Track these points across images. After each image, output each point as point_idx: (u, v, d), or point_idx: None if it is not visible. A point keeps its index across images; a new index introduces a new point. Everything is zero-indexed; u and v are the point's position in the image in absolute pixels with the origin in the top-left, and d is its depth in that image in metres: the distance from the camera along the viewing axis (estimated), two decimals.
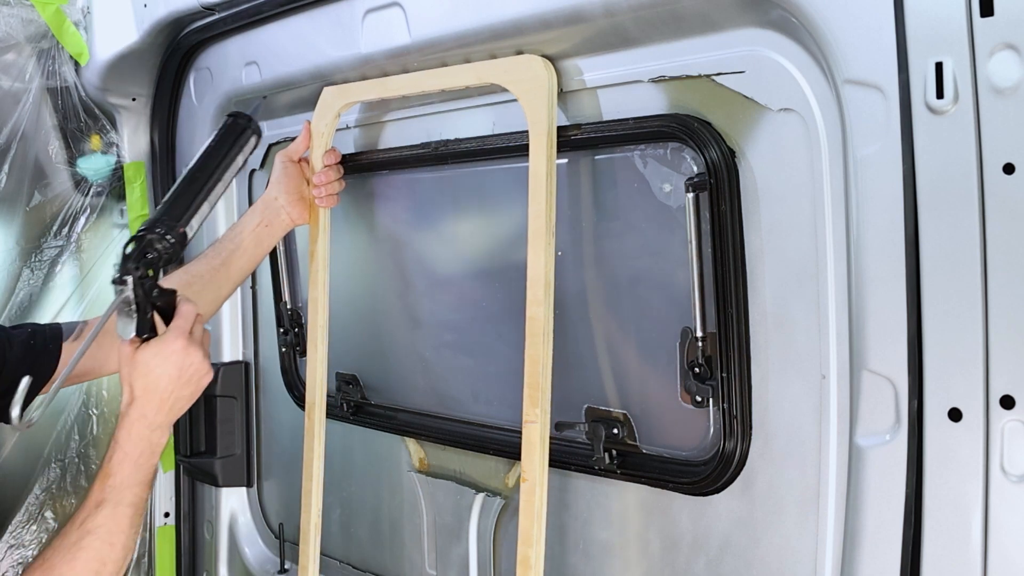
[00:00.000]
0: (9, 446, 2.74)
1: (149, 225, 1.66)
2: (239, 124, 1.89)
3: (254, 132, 1.92)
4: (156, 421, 1.55)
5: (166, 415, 1.56)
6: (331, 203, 2.06)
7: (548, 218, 1.66)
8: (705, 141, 1.53)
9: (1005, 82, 1.17)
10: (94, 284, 2.80)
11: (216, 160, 1.83)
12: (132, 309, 1.55)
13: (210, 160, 1.83)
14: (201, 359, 1.58)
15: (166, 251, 1.64)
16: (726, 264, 1.54)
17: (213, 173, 1.81)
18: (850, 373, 1.40)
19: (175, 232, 1.66)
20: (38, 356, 1.80)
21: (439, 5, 1.79)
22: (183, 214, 1.72)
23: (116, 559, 1.48)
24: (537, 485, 1.67)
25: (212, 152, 1.84)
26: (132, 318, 1.55)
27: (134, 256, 1.59)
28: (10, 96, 2.57)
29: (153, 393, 1.54)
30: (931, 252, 1.25)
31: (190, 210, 1.73)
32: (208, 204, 1.78)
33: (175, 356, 1.55)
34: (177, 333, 1.56)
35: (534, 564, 1.67)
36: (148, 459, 1.54)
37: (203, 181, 1.79)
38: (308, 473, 2.08)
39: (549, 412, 1.68)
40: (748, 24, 1.47)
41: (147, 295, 1.56)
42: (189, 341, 1.56)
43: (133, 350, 1.55)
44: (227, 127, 1.89)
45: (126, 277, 1.55)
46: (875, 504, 1.35)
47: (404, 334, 2.20)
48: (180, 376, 1.56)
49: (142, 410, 1.54)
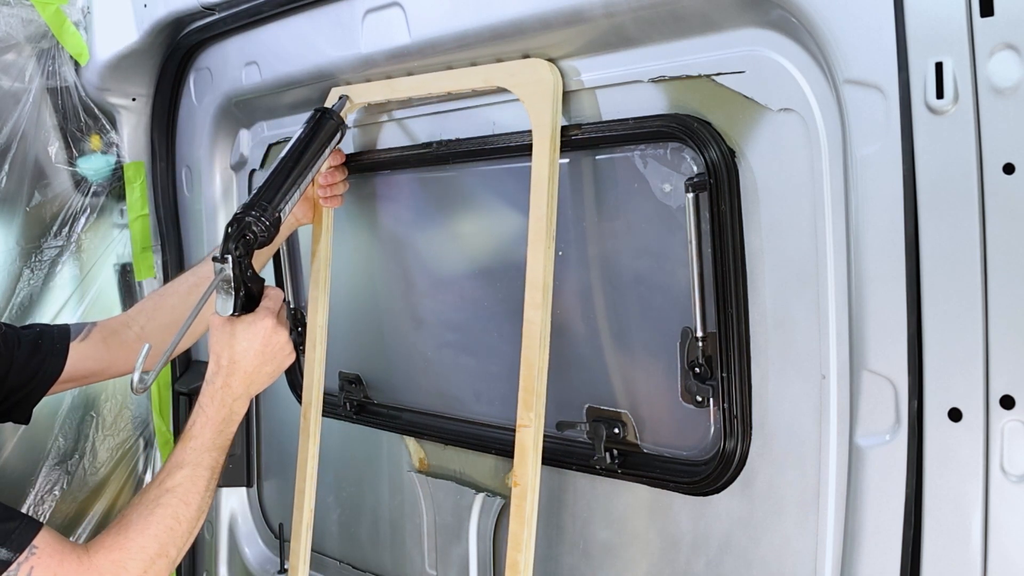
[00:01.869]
0: (10, 446, 2.75)
1: (245, 208, 1.72)
2: (330, 120, 1.93)
3: (340, 127, 1.97)
4: (238, 392, 1.63)
5: (247, 387, 1.64)
6: (336, 203, 2.07)
7: (549, 222, 1.66)
8: (705, 141, 1.53)
9: (1005, 82, 1.17)
10: (94, 284, 2.80)
11: (307, 151, 1.88)
12: (230, 287, 1.64)
13: (302, 151, 1.88)
14: (287, 339, 1.67)
15: (262, 233, 1.70)
16: (726, 264, 1.54)
17: (305, 163, 1.87)
18: (850, 373, 1.40)
19: (270, 215, 1.72)
20: (46, 356, 1.81)
21: (439, 5, 1.79)
22: (277, 199, 1.77)
23: (190, 517, 1.54)
24: (529, 490, 1.67)
25: (304, 143, 1.89)
26: (229, 295, 1.64)
27: (234, 236, 1.67)
28: (10, 96, 2.57)
29: (238, 365, 1.62)
30: (931, 252, 1.25)
31: (283, 196, 1.78)
32: (298, 191, 1.83)
33: (263, 333, 1.64)
34: (267, 312, 1.65)
35: (523, 570, 1.67)
36: (228, 426, 1.62)
37: (295, 170, 1.84)
38: (302, 473, 2.08)
39: (543, 416, 1.68)
40: (748, 24, 1.47)
41: (243, 275, 1.66)
42: (277, 321, 1.66)
43: (224, 322, 1.64)
44: (317, 122, 1.93)
45: (227, 255, 1.64)
46: (875, 504, 1.35)
47: (407, 334, 2.20)
48: (264, 352, 1.64)
49: (226, 379, 1.62)
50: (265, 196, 1.77)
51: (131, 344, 1.91)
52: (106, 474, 2.86)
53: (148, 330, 1.94)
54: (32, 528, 1.42)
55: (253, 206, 1.73)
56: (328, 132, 1.93)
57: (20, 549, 1.38)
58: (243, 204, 1.75)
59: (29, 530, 1.41)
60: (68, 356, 1.83)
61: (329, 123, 1.94)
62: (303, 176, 1.86)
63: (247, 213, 1.71)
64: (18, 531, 1.40)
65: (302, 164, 1.87)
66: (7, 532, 1.39)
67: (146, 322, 1.95)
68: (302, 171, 1.86)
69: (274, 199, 1.76)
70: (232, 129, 2.53)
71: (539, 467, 1.68)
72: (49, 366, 1.81)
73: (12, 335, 1.78)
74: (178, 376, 2.74)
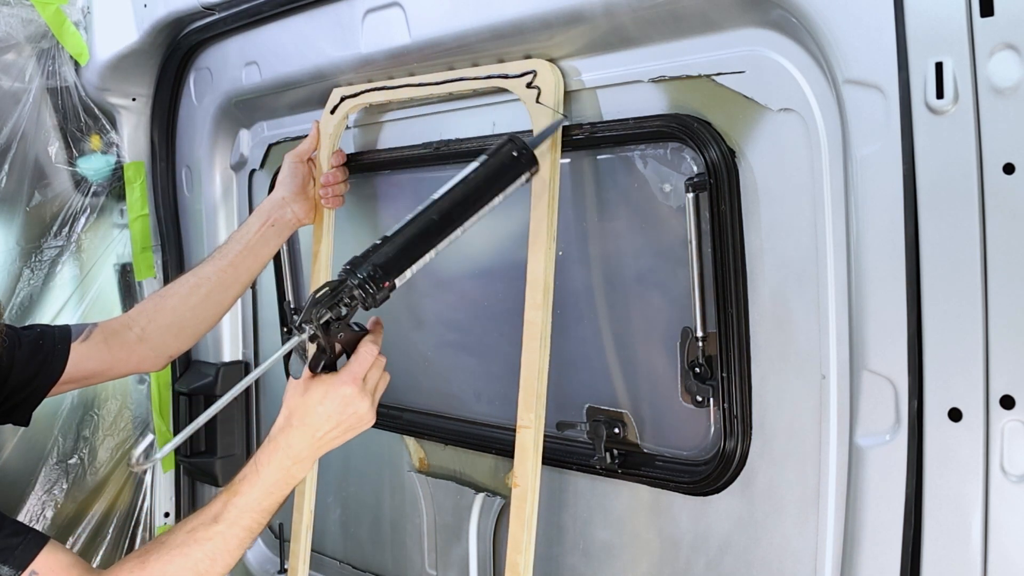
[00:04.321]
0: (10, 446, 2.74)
1: (354, 265, 1.48)
2: (519, 160, 1.57)
3: (530, 170, 1.58)
4: (301, 455, 1.51)
5: (314, 451, 1.53)
6: (337, 204, 2.07)
7: (550, 223, 1.66)
8: (705, 141, 1.53)
9: (1005, 82, 1.17)
10: (94, 284, 2.80)
11: (471, 202, 1.55)
12: (303, 353, 1.48)
13: (465, 201, 1.54)
14: (367, 409, 1.53)
15: (364, 301, 1.48)
16: (726, 264, 1.54)
17: (461, 219, 1.54)
18: (850, 373, 1.40)
19: (382, 287, 1.48)
20: (46, 356, 1.80)
21: (439, 5, 1.79)
22: (404, 265, 1.50)
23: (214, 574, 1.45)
24: (529, 491, 1.67)
25: (471, 191, 1.54)
26: (303, 360, 1.48)
27: (324, 302, 1.46)
28: (10, 96, 2.57)
29: (307, 428, 1.50)
30: (931, 252, 1.25)
31: (413, 262, 1.52)
32: (435, 253, 1.54)
33: (340, 399, 1.50)
34: (349, 377, 1.51)
35: (523, 571, 1.67)
36: (281, 489, 1.50)
37: (446, 229, 1.53)
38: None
39: (544, 417, 1.68)
40: (748, 24, 1.47)
41: (330, 336, 1.48)
42: (359, 388, 1.51)
43: (306, 380, 1.52)
44: (503, 158, 1.56)
45: (305, 326, 1.44)
46: (875, 504, 1.35)
47: (407, 333, 2.20)
48: (339, 417, 1.52)
49: (290, 439, 1.50)
50: (392, 261, 1.48)
51: (132, 345, 1.91)
52: (106, 474, 2.86)
53: (149, 331, 1.93)
54: (37, 544, 1.38)
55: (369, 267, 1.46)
56: (512, 176, 1.55)
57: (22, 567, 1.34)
58: (359, 258, 1.48)
59: (33, 546, 1.37)
60: (69, 357, 1.83)
61: (517, 164, 1.55)
62: (453, 234, 1.53)
63: (354, 272, 1.45)
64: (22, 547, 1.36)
65: (461, 218, 1.53)
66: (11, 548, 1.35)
67: (147, 323, 1.94)
68: (456, 228, 1.53)
69: (402, 267, 1.48)
70: (232, 129, 2.53)
71: (539, 468, 1.68)
72: (50, 367, 1.81)
73: (13, 336, 1.77)
74: (178, 376, 2.74)
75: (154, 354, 1.95)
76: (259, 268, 2.05)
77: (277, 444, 1.51)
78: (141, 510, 2.85)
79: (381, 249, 1.50)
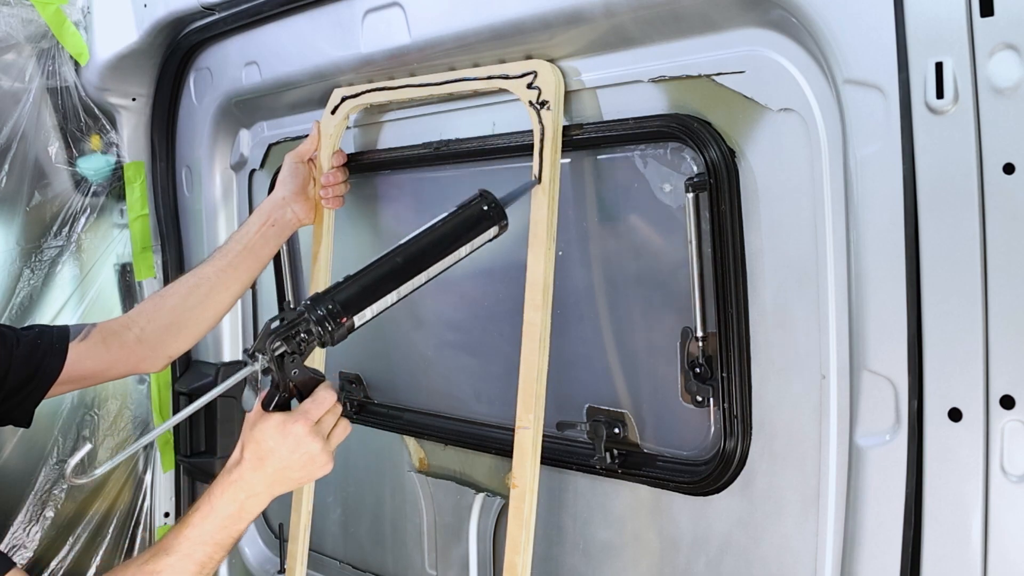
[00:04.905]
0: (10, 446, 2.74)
1: (315, 301, 1.47)
2: (488, 214, 1.59)
3: (499, 226, 1.60)
4: (255, 489, 1.48)
5: (267, 487, 1.49)
6: (337, 204, 2.07)
7: (550, 224, 1.66)
8: (705, 141, 1.53)
9: (1005, 82, 1.17)
10: (94, 284, 2.80)
11: (438, 250, 1.56)
12: (256, 384, 1.46)
13: (431, 248, 1.56)
14: (319, 450, 1.48)
15: (320, 338, 1.46)
16: (726, 264, 1.54)
17: (426, 265, 1.55)
18: (850, 373, 1.40)
19: (340, 323, 1.46)
20: (44, 355, 1.80)
21: (439, 5, 1.79)
22: (364, 304, 1.49)
23: None
24: (527, 492, 1.67)
25: (437, 238, 1.56)
26: (255, 392, 1.47)
27: (279, 333, 1.43)
28: (10, 96, 2.57)
29: (260, 463, 1.47)
30: (931, 252, 1.25)
31: (374, 302, 1.50)
32: (398, 296, 1.54)
33: (292, 438, 1.47)
34: (301, 416, 1.47)
35: (521, 572, 1.66)
36: (235, 523, 1.48)
37: (410, 272, 1.53)
38: None
39: (542, 418, 1.68)
40: (748, 24, 1.47)
41: (284, 374, 1.45)
42: (310, 429, 1.47)
43: (258, 414, 1.49)
44: (473, 211, 1.58)
45: (258, 354, 1.42)
46: (875, 504, 1.35)
47: (407, 333, 2.20)
48: (292, 456, 1.48)
49: (243, 472, 1.47)
50: (351, 298, 1.47)
51: (131, 345, 1.91)
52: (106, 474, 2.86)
53: (148, 331, 1.93)
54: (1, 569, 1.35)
55: (326, 305, 1.45)
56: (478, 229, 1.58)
57: None
58: (319, 294, 1.48)
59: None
60: (67, 356, 1.82)
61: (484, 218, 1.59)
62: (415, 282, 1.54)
63: (312, 310, 1.44)
64: None
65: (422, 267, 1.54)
66: None
67: (146, 323, 1.94)
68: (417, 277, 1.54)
69: (360, 305, 1.48)
70: (232, 129, 2.53)
71: (538, 469, 1.68)
72: (48, 366, 1.80)
73: (11, 336, 1.77)
74: (178, 376, 2.74)
75: (153, 354, 1.95)
76: (259, 268, 2.05)
77: (231, 477, 1.48)
78: (141, 510, 2.85)
79: (342, 287, 1.50)
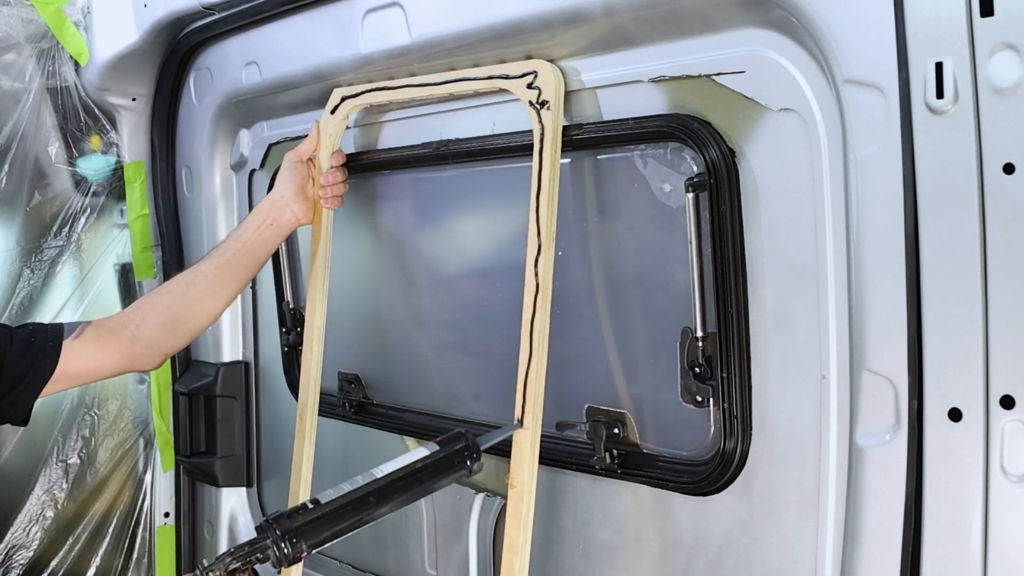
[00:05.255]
0: (10, 446, 2.75)
1: (278, 522, 1.49)
2: (466, 457, 1.63)
3: (474, 466, 1.63)
4: None
5: None
6: (336, 204, 2.06)
7: (549, 222, 1.66)
8: (705, 141, 1.53)
9: (1005, 82, 1.17)
10: (94, 284, 2.80)
11: (410, 493, 1.60)
12: None
13: (404, 489, 1.59)
14: None
15: (276, 560, 1.48)
16: (726, 264, 1.54)
17: (397, 505, 1.59)
18: (850, 373, 1.39)
19: (298, 550, 1.48)
20: (38, 353, 1.79)
21: (439, 6, 1.79)
22: (326, 538, 1.52)
23: None
24: (525, 492, 1.66)
25: (415, 480, 1.59)
26: None
27: (239, 555, 1.47)
28: (10, 96, 2.57)
29: None
30: (931, 252, 1.25)
31: (337, 536, 1.52)
32: (359, 527, 1.56)
33: None
34: None
35: (519, 572, 1.66)
36: None
37: (379, 510, 1.56)
38: (296, 476, 2.07)
39: (540, 419, 1.68)
40: (748, 24, 1.47)
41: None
42: None
43: None
44: (452, 453, 1.62)
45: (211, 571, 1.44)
46: (875, 504, 1.35)
47: (406, 334, 2.20)
48: None
49: None
50: (315, 527, 1.49)
51: (126, 343, 1.90)
52: (106, 474, 2.86)
53: (143, 329, 1.92)
54: None
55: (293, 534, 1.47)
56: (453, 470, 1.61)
57: None
58: (285, 514, 1.50)
59: None
60: (61, 354, 1.82)
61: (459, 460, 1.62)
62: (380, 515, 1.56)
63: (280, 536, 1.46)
64: None
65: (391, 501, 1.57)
66: None
67: (142, 321, 1.94)
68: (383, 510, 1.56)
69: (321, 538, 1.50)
70: (232, 129, 2.53)
71: (536, 469, 1.68)
72: (41, 364, 1.79)
73: (5, 334, 1.76)
74: (178, 376, 2.74)
75: (149, 352, 1.94)
76: (257, 267, 2.05)
77: None
78: (141, 510, 2.86)
79: (310, 513, 1.52)
